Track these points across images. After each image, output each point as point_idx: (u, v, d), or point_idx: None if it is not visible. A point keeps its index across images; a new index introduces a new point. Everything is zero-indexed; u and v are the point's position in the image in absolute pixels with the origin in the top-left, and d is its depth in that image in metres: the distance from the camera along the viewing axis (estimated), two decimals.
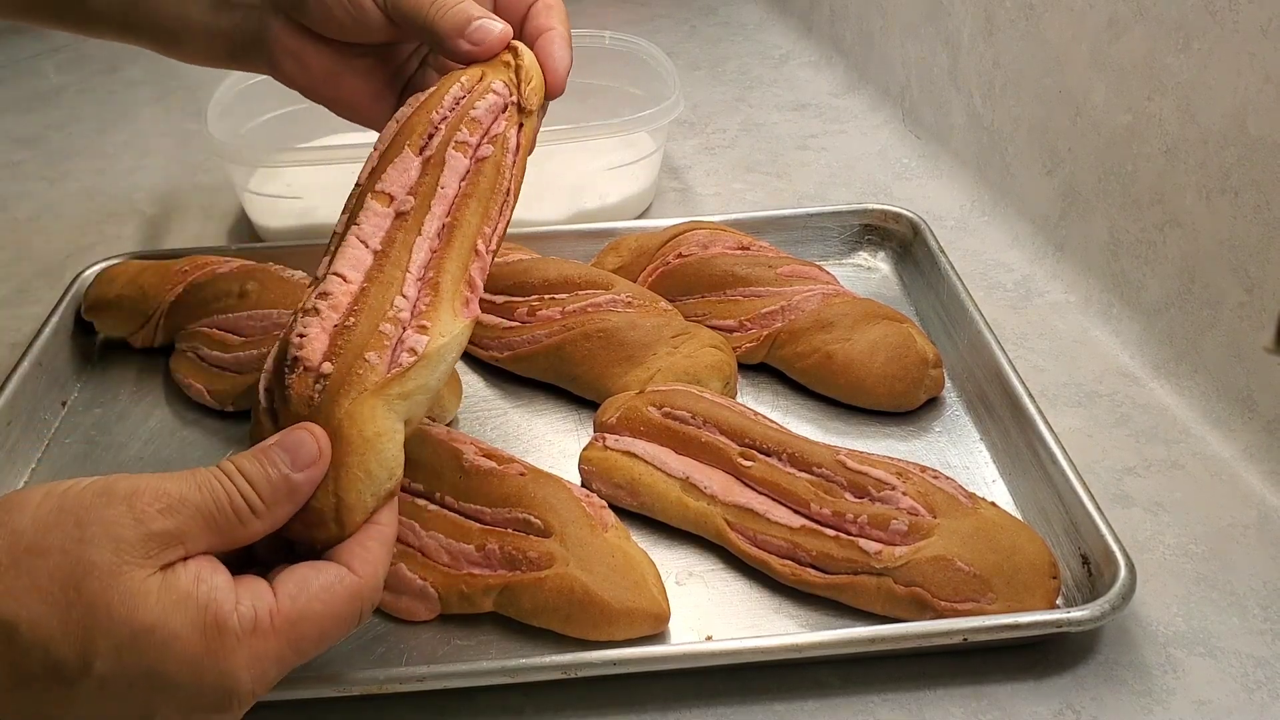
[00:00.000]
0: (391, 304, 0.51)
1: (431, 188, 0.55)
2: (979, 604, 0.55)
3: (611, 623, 0.56)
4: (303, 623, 0.44)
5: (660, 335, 0.73)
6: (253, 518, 0.45)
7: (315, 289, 0.52)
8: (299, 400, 0.48)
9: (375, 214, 0.54)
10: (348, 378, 0.48)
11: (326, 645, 0.46)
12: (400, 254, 0.53)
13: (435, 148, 0.55)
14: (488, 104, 0.57)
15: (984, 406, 0.71)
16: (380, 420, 0.49)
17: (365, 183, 0.56)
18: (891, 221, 0.88)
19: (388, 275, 0.52)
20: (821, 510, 0.60)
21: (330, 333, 0.50)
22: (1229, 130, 0.69)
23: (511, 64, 0.60)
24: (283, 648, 0.44)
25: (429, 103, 0.57)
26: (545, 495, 0.59)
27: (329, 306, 0.51)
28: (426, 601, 0.58)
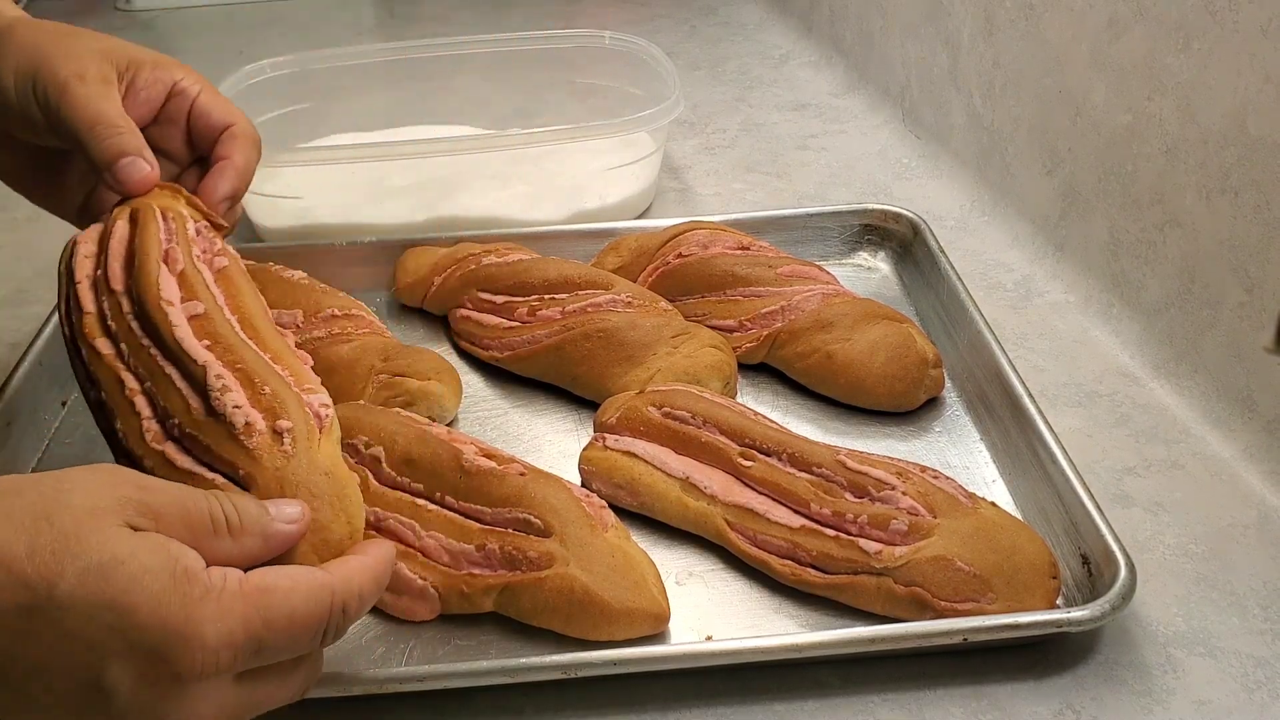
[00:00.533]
0: (276, 372, 0.53)
1: (207, 293, 0.57)
2: (979, 604, 0.55)
3: (612, 623, 0.56)
4: (271, 594, 0.43)
5: (660, 335, 0.73)
6: (226, 534, 0.45)
7: (206, 374, 0.52)
8: (271, 456, 0.49)
9: (179, 317, 0.55)
10: (308, 429, 0.51)
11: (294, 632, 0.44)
12: (232, 340, 0.54)
13: (183, 263, 0.57)
14: (195, 227, 0.61)
15: (984, 406, 0.71)
16: (340, 458, 0.52)
17: (137, 293, 0.56)
18: (891, 221, 0.88)
19: (244, 355, 0.53)
20: (821, 510, 0.60)
21: (251, 401, 0.51)
22: (1229, 130, 0.69)
23: (181, 197, 0.63)
24: (250, 612, 0.42)
25: (144, 236, 0.58)
26: (545, 495, 0.59)
27: (231, 382, 0.51)
28: (427, 602, 0.58)
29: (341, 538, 0.49)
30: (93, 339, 0.55)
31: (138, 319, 0.55)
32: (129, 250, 0.58)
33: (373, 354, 0.72)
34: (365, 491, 0.61)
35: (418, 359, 0.72)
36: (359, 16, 1.55)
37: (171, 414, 0.51)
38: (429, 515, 0.60)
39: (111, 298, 0.56)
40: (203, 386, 0.51)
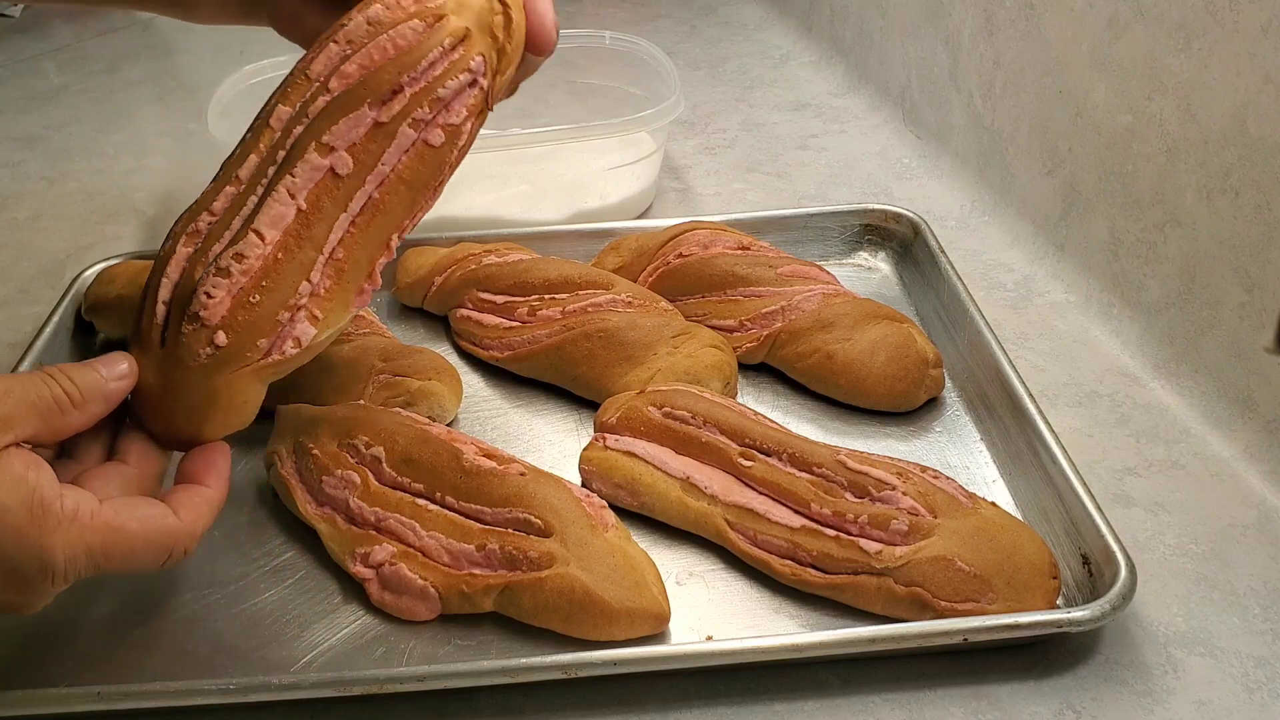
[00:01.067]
0: (296, 289, 0.53)
1: (374, 158, 0.54)
2: (979, 604, 0.55)
3: (612, 623, 0.56)
4: (117, 533, 0.49)
5: (661, 335, 0.73)
6: (72, 409, 0.51)
7: (230, 240, 0.53)
8: (188, 353, 0.53)
9: (311, 167, 0.53)
10: (237, 356, 0.53)
11: (131, 566, 0.50)
12: (320, 229, 0.53)
13: (392, 116, 0.54)
14: (457, 85, 0.54)
15: (984, 406, 0.71)
16: (250, 390, 0.55)
17: (309, 123, 0.54)
18: (892, 221, 0.88)
19: (303, 255, 0.53)
20: (822, 510, 0.60)
21: (234, 297, 0.52)
22: (1229, 130, 0.69)
23: (501, 18, 0.55)
24: (94, 545, 0.49)
25: (403, 60, 0.53)
26: (546, 495, 0.59)
27: (241, 271, 0.52)
28: (427, 602, 0.58)
29: None
30: (272, 108, 0.56)
31: (303, 129, 0.54)
32: (372, 64, 0.53)
33: (373, 354, 0.72)
34: (365, 491, 0.61)
35: (418, 359, 0.72)
36: None
37: (212, 239, 0.54)
38: (429, 515, 0.60)
39: (314, 89, 0.55)
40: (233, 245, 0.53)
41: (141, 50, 1.44)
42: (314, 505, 0.63)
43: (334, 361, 0.71)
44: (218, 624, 0.59)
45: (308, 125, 0.54)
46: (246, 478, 0.69)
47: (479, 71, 0.55)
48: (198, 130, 0.92)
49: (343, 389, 0.70)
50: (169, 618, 0.59)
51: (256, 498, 0.67)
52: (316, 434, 0.64)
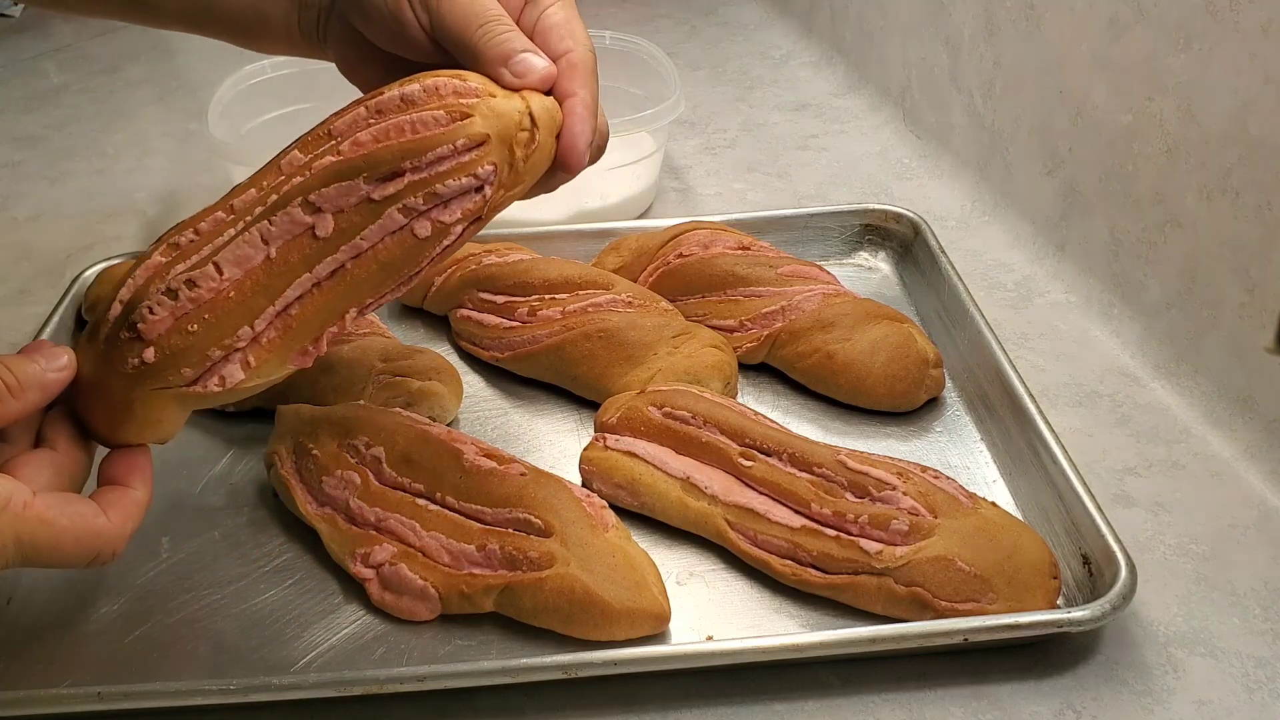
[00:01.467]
0: (236, 332, 0.53)
1: (356, 230, 0.52)
2: (979, 604, 0.55)
3: (612, 623, 0.56)
4: (46, 527, 0.49)
5: (661, 335, 0.73)
6: (9, 397, 0.51)
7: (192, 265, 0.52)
8: (118, 358, 0.53)
9: (292, 220, 0.52)
10: (159, 375, 0.52)
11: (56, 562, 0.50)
12: (281, 281, 0.53)
13: (385, 196, 0.52)
14: (459, 186, 0.52)
15: (984, 406, 0.71)
16: (168, 411, 0.54)
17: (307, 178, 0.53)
18: (892, 221, 0.88)
19: (255, 301, 0.53)
20: (822, 510, 0.60)
21: (174, 321, 0.52)
22: (1230, 130, 0.69)
23: (527, 135, 0.54)
24: (23, 535, 0.48)
25: (414, 145, 0.52)
26: (546, 495, 0.59)
27: (188, 298, 0.52)
28: (427, 602, 0.58)
29: None
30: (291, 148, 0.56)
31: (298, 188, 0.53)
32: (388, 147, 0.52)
33: (373, 354, 0.72)
34: (366, 491, 0.61)
35: (418, 359, 0.72)
36: None
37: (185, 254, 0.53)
38: (429, 515, 0.60)
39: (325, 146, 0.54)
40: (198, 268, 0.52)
41: (142, 50, 1.44)
42: (314, 505, 0.63)
43: (334, 362, 0.71)
44: (218, 624, 0.59)
45: (305, 179, 0.53)
46: (246, 478, 0.69)
47: (486, 179, 0.53)
48: (198, 130, 0.92)
49: (343, 389, 0.70)
50: (169, 618, 0.59)
51: (256, 498, 0.67)
52: (316, 434, 0.64)
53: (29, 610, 0.60)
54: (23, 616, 0.60)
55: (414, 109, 0.53)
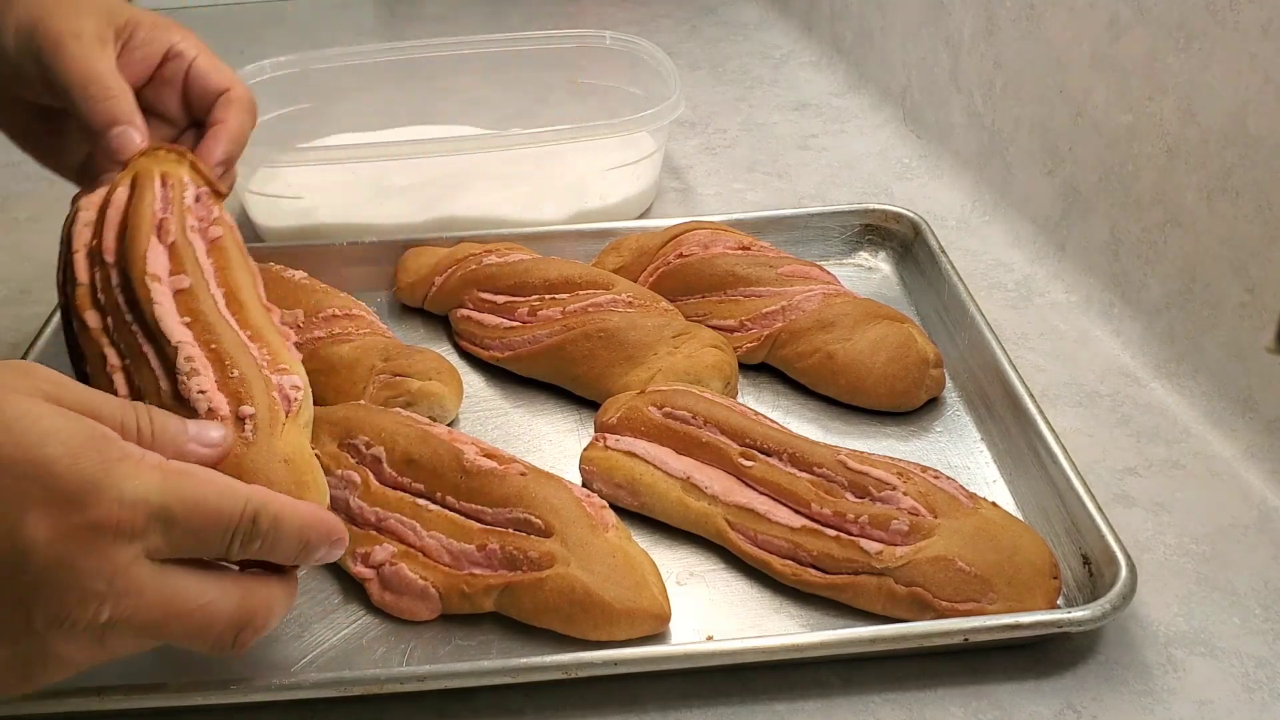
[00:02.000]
0: (251, 354, 0.54)
1: (195, 266, 0.57)
2: (980, 604, 0.55)
3: (613, 623, 0.56)
4: (188, 476, 0.44)
5: (661, 335, 0.73)
6: (136, 441, 0.45)
7: (177, 355, 0.52)
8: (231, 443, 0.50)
9: (161, 293, 0.55)
10: (271, 415, 0.52)
11: (206, 519, 0.44)
12: (213, 318, 0.55)
13: (175, 234, 0.58)
14: (192, 194, 0.61)
15: (985, 406, 0.71)
16: (306, 444, 0.53)
17: (123, 266, 0.56)
18: (892, 221, 0.88)
19: (221, 335, 0.54)
20: (822, 510, 0.60)
21: (219, 384, 0.52)
22: (1230, 130, 0.69)
23: (186, 160, 0.63)
24: (165, 483, 0.43)
25: (139, 206, 0.58)
26: (546, 495, 0.59)
27: (201, 365, 0.52)
28: (428, 602, 0.58)
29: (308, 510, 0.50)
30: (83, 311, 0.55)
31: (123, 292, 0.55)
32: (123, 220, 0.58)
33: (373, 354, 0.72)
34: (366, 491, 0.61)
35: (418, 359, 0.72)
36: (360, 16, 1.55)
37: (144, 394, 0.52)
38: (430, 515, 0.60)
39: (103, 269, 0.56)
40: (172, 368, 0.52)
41: None
42: None
43: (334, 362, 0.71)
44: None
45: (124, 274, 0.56)
46: None
47: (196, 182, 0.62)
48: None
49: (343, 389, 0.70)
50: None
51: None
52: (316, 434, 0.64)
53: None
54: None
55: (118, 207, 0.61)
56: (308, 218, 0.93)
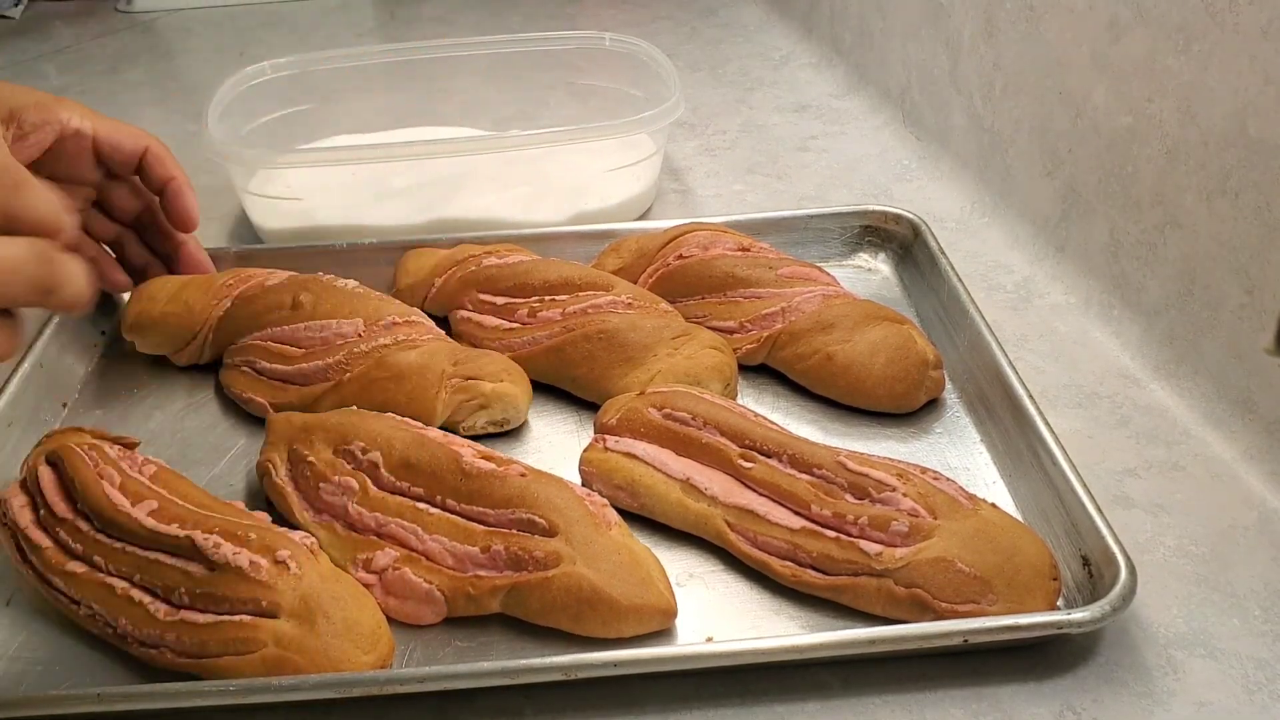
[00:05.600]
0: (248, 524, 0.58)
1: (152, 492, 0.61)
2: (979, 605, 0.55)
3: (621, 620, 0.56)
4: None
5: (660, 337, 0.73)
6: None
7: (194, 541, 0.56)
8: (284, 579, 0.55)
9: (140, 513, 0.59)
10: (303, 551, 0.57)
11: None
12: (194, 515, 0.58)
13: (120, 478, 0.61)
14: (113, 450, 0.64)
15: (984, 408, 0.71)
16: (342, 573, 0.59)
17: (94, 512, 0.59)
18: (892, 223, 0.88)
19: (215, 524, 0.57)
20: (822, 512, 0.60)
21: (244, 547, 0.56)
22: (1229, 132, 0.69)
23: (85, 432, 0.66)
24: None
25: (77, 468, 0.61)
26: (549, 495, 0.59)
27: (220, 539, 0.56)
28: (433, 605, 0.58)
29: (373, 626, 0.55)
30: (62, 566, 0.59)
31: (103, 531, 0.59)
32: (63, 485, 0.61)
33: (441, 358, 0.71)
34: (365, 497, 0.61)
35: (486, 361, 0.72)
36: (360, 18, 1.55)
37: (173, 588, 0.55)
38: (431, 519, 0.60)
39: (65, 525, 0.60)
40: (196, 551, 0.56)
41: (142, 52, 1.44)
42: (311, 513, 0.63)
43: (403, 369, 0.70)
44: None
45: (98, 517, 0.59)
46: (243, 483, 0.69)
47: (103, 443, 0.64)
48: (198, 131, 0.92)
49: (415, 395, 0.70)
50: None
51: (249, 505, 0.67)
52: (311, 441, 0.64)
53: (29, 611, 0.60)
54: (22, 617, 0.60)
55: None
56: (307, 219, 0.93)
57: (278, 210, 0.94)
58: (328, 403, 0.70)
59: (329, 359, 0.72)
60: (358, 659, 0.53)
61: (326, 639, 0.53)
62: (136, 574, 0.56)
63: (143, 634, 0.55)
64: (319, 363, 0.72)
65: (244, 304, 0.76)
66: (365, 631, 0.54)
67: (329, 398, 0.71)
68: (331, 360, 0.72)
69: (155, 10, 1.57)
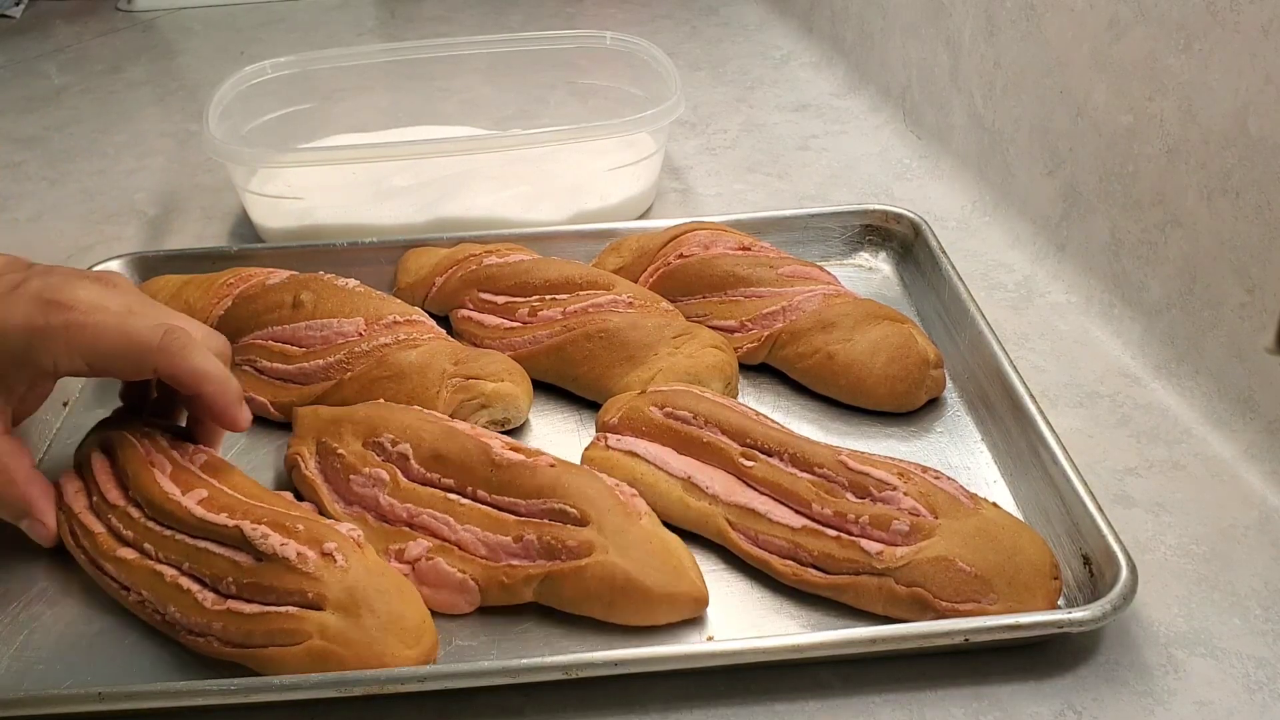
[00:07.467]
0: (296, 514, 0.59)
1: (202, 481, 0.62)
2: (980, 604, 0.55)
3: (654, 607, 0.56)
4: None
5: (662, 335, 0.73)
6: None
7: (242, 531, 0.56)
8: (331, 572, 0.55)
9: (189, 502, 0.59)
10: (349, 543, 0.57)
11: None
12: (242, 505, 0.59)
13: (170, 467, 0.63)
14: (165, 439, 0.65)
15: (985, 407, 0.71)
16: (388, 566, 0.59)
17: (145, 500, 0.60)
18: (893, 222, 0.88)
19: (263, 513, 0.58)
20: (823, 510, 0.60)
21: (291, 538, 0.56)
22: (1230, 131, 0.69)
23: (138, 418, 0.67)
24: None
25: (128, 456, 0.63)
26: (580, 485, 0.60)
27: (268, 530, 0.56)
28: (466, 594, 0.58)
29: (418, 621, 0.55)
30: (114, 552, 0.59)
31: (153, 519, 0.59)
32: (115, 472, 0.62)
33: (442, 358, 0.71)
34: (395, 488, 0.62)
35: (486, 361, 0.72)
36: (360, 17, 1.55)
37: (220, 577, 0.56)
38: (462, 509, 0.60)
39: (117, 511, 0.60)
40: (244, 541, 0.56)
41: (142, 51, 1.44)
42: (342, 504, 0.63)
43: (404, 368, 0.70)
44: None
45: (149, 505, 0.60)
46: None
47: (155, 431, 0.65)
48: (198, 131, 0.93)
49: (416, 395, 0.70)
50: None
51: None
52: (340, 433, 0.65)
53: (29, 611, 0.60)
54: (23, 616, 0.60)
55: None
56: (307, 218, 0.93)
57: (278, 209, 0.94)
58: (329, 402, 0.70)
59: (330, 358, 0.72)
60: (401, 653, 0.53)
61: (372, 632, 0.53)
62: (185, 562, 0.57)
63: (190, 622, 0.55)
64: (320, 362, 0.72)
65: (245, 303, 0.76)
66: (410, 626, 0.54)
67: (330, 397, 0.71)
68: (333, 359, 0.72)
69: (156, 9, 1.57)
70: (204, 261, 0.84)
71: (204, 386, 0.60)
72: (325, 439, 0.65)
